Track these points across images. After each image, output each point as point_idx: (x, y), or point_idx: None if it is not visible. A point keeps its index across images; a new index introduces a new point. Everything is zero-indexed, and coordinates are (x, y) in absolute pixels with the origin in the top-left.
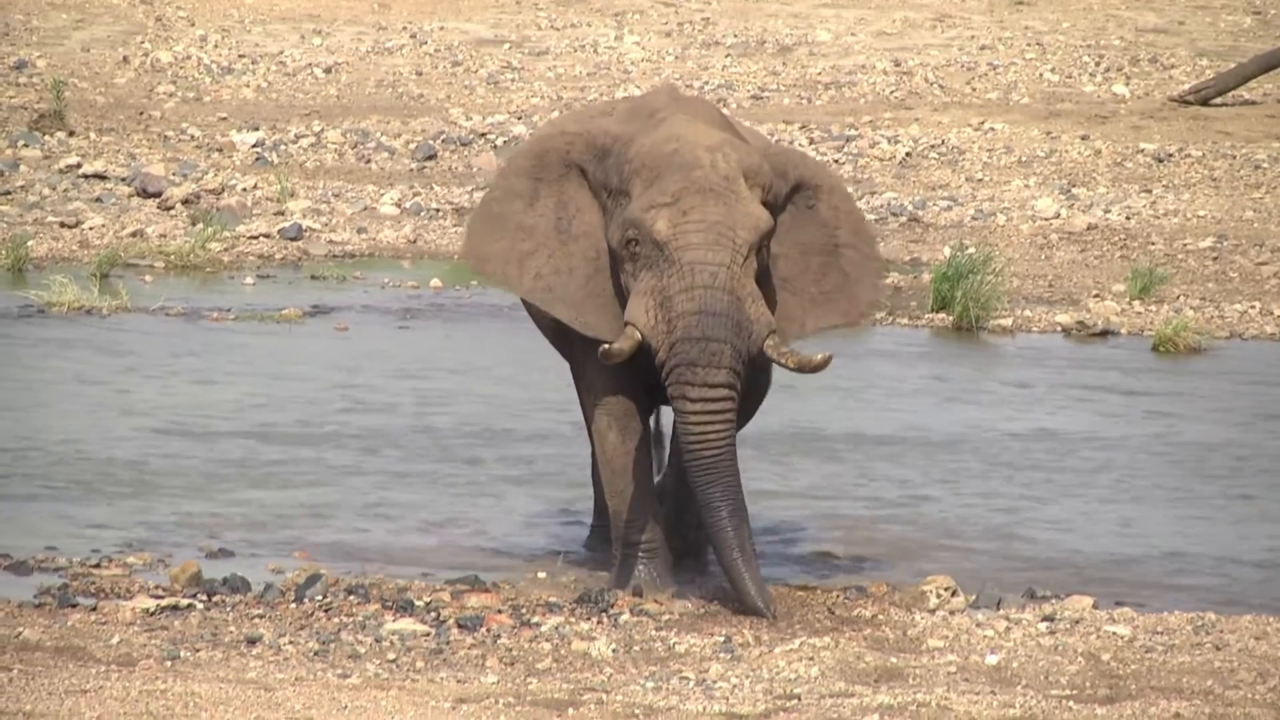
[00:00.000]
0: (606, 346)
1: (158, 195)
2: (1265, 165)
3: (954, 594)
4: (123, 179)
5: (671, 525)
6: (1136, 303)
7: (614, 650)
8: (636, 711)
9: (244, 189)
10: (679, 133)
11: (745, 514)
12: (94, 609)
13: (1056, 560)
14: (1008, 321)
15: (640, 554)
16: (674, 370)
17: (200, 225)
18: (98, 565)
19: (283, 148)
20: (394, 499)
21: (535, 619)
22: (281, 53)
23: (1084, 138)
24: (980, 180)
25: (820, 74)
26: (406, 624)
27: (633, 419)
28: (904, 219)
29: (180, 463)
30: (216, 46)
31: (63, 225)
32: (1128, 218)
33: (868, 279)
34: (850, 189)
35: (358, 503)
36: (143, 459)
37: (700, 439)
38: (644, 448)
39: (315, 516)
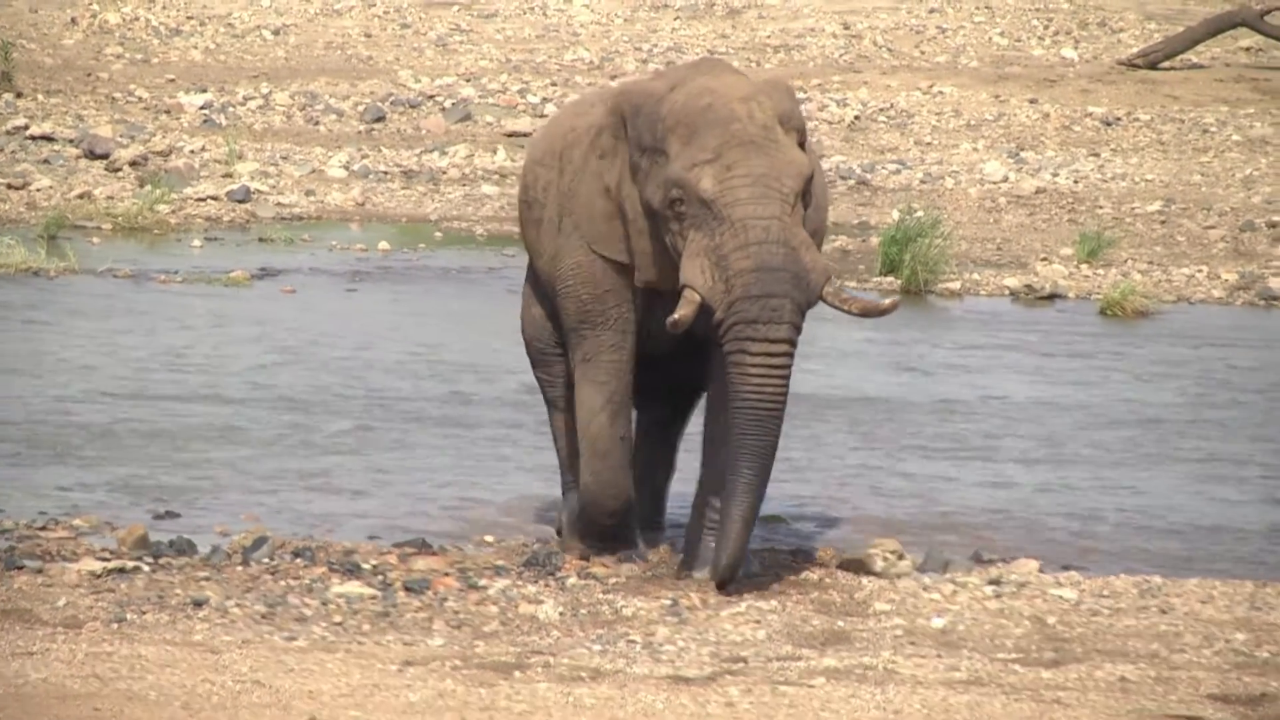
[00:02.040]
0: (674, 317)
1: (105, 157)
2: (1213, 129)
3: (900, 558)
4: (70, 141)
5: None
6: (1084, 266)
7: (561, 613)
8: (583, 674)
9: (192, 151)
10: (710, 85)
11: (768, 477)
12: (40, 571)
13: (1003, 524)
14: (955, 285)
15: (605, 532)
16: (733, 328)
17: (148, 187)
18: (44, 528)
19: (231, 110)
20: (342, 462)
21: (482, 582)
22: (230, 14)
23: (1032, 101)
24: (929, 144)
25: (769, 37)
26: (353, 587)
27: (626, 404)
28: (852, 182)
29: (127, 425)
30: (164, 8)
31: (10, 187)
32: (1076, 181)
33: (821, 201)
34: None
35: (305, 466)
36: (89, 421)
37: (759, 391)
38: (630, 433)
39: (262, 479)
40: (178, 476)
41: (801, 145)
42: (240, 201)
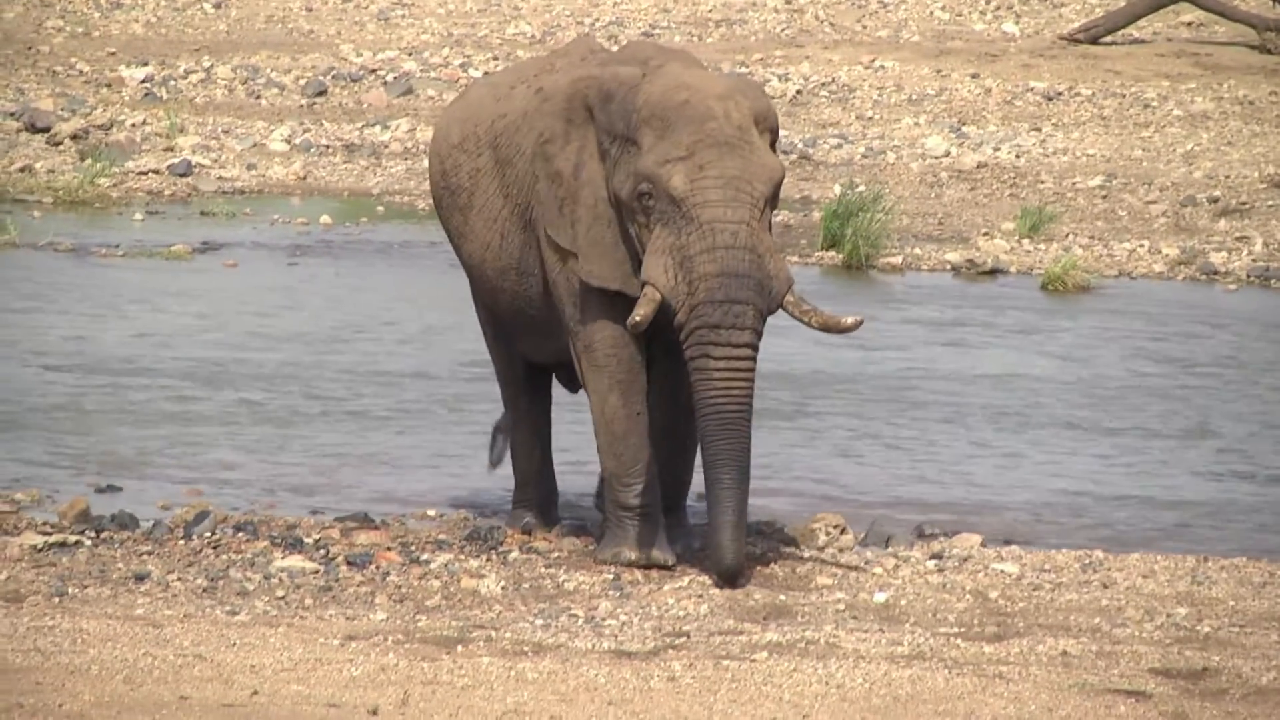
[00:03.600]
0: (633, 319)
1: (46, 130)
2: (1154, 104)
3: (843, 532)
4: (11, 114)
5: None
6: (1026, 241)
7: (503, 587)
8: (525, 649)
9: (133, 125)
10: (687, 80)
11: (749, 478)
12: None
13: (945, 498)
14: (897, 259)
15: (636, 517)
16: (695, 332)
17: (89, 161)
18: None
19: (172, 83)
20: (283, 436)
21: (424, 556)
22: None
23: (974, 76)
24: (870, 118)
25: (711, 11)
26: (295, 561)
27: (636, 380)
28: (794, 157)
29: (69, 399)
30: None
31: None
32: (1017, 156)
33: None
34: None
35: (247, 439)
36: (30, 395)
37: (724, 394)
38: (644, 409)
39: (205, 453)
40: (119, 450)
41: (773, 146)
42: (182, 175)
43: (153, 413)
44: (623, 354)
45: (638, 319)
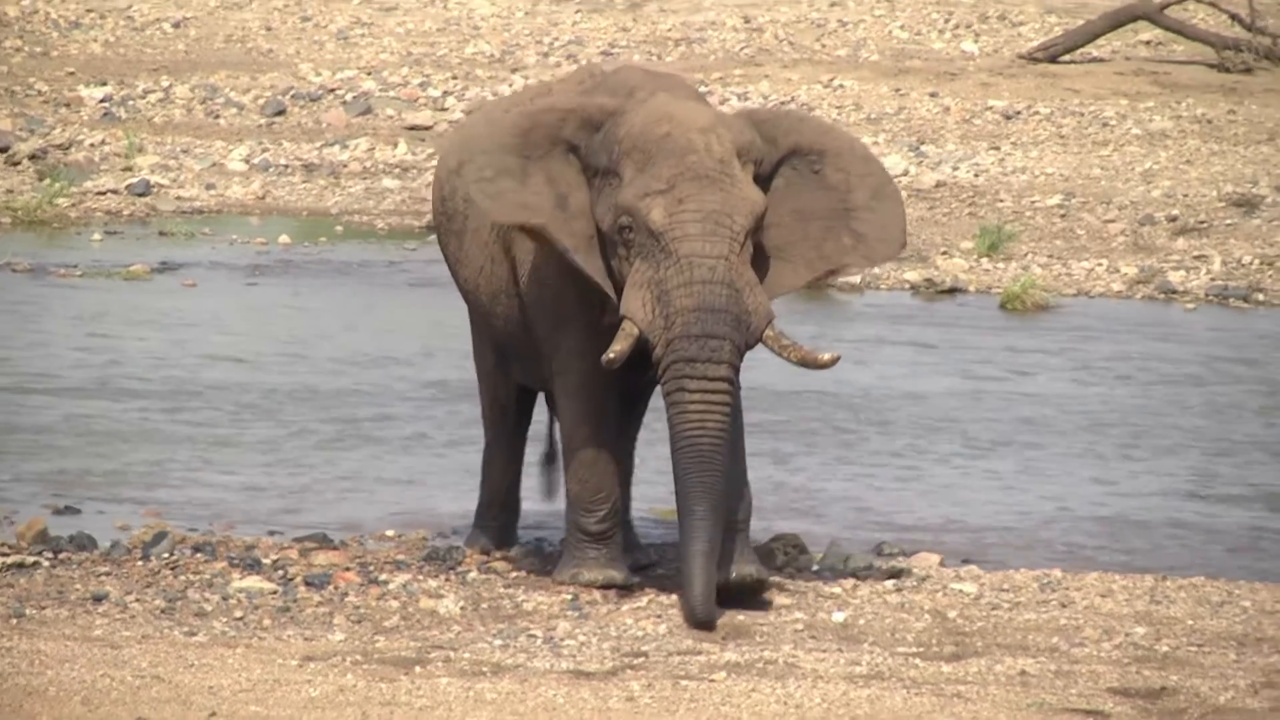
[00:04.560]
0: (608, 355)
1: (4, 150)
2: (1113, 123)
3: (801, 551)
4: None
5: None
6: (984, 260)
7: (462, 608)
8: (484, 669)
9: (92, 144)
10: (670, 112)
11: (723, 513)
12: None
13: (903, 518)
14: (856, 279)
15: (596, 541)
16: (672, 366)
17: (48, 181)
18: None
19: (131, 103)
20: (242, 457)
21: (383, 577)
22: (129, 7)
23: (933, 95)
24: None
25: (670, 30)
26: (254, 582)
27: (608, 408)
28: None
29: (27, 419)
30: (64, 1)
31: None
32: (976, 175)
33: (891, 231)
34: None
35: (205, 460)
36: None
37: (699, 427)
38: (616, 436)
39: (163, 474)
40: (78, 471)
41: (760, 177)
42: (140, 195)
43: (112, 433)
44: (597, 382)
45: (613, 355)
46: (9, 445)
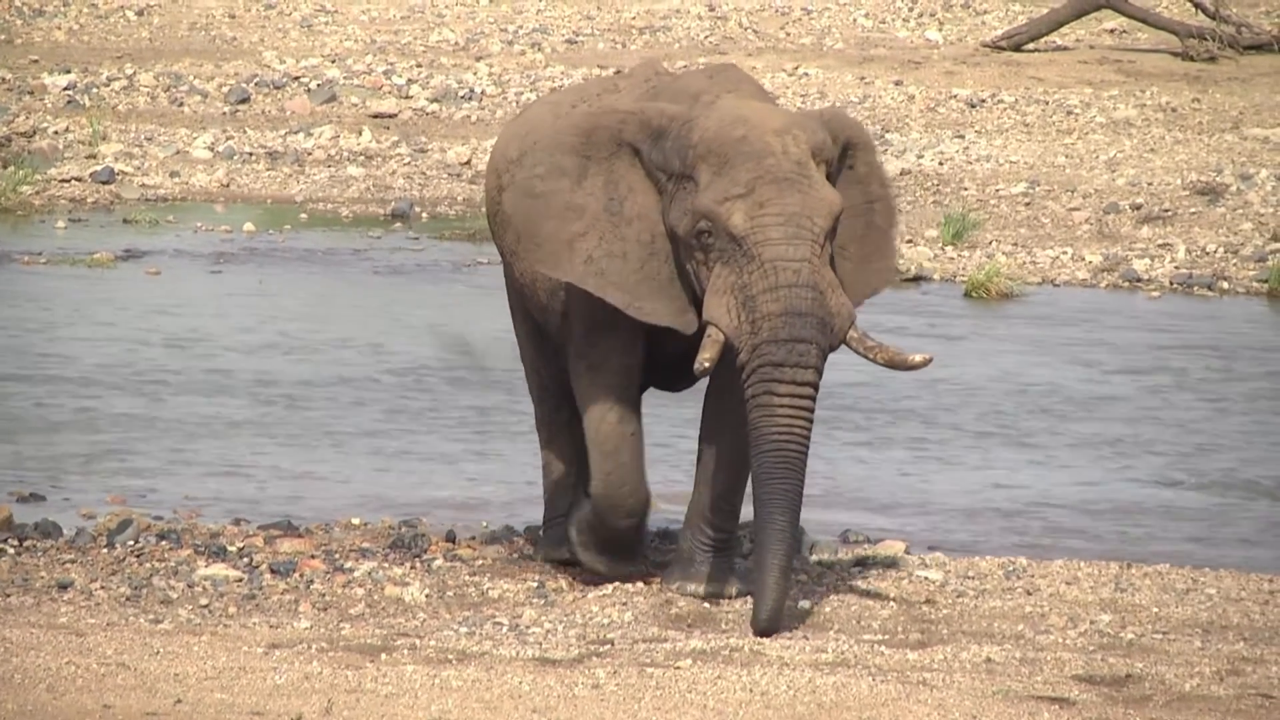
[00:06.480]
0: (700, 362)
1: None
2: (1077, 111)
3: None
4: None
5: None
6: (949, 248)
7: (427, 595)
8: (450, 656)
9: (55, 132)
10: (743, 115)
11: (798, 522)
12: None
13: (869, 506)
14: None
15: (615, 535)
16: (758, 370)
17: (11, 168)
18: None
19: (94, 91)
20: (207, 445)
21: (348, 564)
22: None
23: (897, 83)
24: None
25: (634, 19)
26: (219, 569)
27: (635, 403)
28: None
29: None
30: None
31: None
32: (941, 163)
33: (892, 231)
34: None
35: (170, 448)
36: None
37: (787, 432)
38: (640, 431)
39: (127, 462)
40: (42, 459)
41: (829, 177)
42: (104, 183)
43: (77, 421)
44: (626, 378)
45: (705, 363)
46: None
